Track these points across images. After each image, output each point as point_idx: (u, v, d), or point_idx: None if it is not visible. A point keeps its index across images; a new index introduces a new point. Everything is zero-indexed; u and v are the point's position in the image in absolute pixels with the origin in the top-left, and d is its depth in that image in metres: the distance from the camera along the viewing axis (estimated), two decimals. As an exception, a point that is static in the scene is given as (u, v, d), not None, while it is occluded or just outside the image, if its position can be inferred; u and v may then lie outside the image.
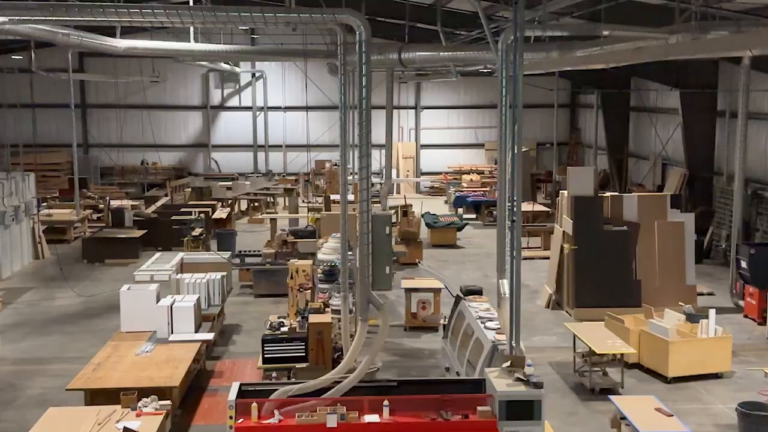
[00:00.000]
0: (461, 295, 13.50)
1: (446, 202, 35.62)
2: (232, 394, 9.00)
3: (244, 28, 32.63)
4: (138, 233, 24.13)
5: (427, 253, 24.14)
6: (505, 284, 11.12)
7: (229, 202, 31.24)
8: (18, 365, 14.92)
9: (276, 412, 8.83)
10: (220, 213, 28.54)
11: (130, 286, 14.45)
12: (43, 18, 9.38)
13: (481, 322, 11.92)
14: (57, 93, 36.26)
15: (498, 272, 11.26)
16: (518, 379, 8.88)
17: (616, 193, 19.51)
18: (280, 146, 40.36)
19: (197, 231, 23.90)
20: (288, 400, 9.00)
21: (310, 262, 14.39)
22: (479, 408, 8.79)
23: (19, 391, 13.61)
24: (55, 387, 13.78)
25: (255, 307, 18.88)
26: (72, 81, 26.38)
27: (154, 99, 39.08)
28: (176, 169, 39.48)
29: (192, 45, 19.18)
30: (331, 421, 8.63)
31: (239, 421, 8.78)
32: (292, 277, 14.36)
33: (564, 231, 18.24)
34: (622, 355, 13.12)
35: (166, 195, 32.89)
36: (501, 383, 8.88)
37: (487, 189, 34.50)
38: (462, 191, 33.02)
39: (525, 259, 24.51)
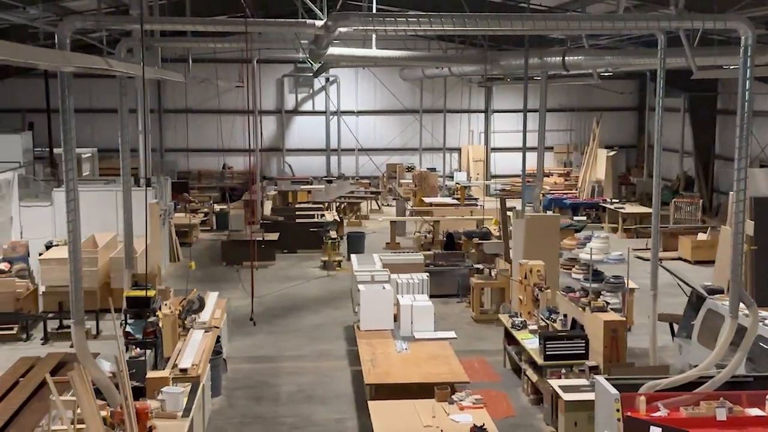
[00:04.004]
0: (705, 294, 13.82)
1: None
2: (611, 389, 9.31)
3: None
4: (274, 236, 24.37)
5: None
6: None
7: (326, 205, 31.48)
8: (250, 363, 15.19)
9: (660, 405, 9.14)
10: (330, 216, 28.79)
11: (366, 287, 14.71)
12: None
13: (758, 321, 12.24)
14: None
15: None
16: None
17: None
18: (352, 150, 40.64)
19: (333, 234, 24.26)
20: (656, 395, 9.32)
21: (542, 262, 14.69)
22: None
23: (275, 387, 13.89)
24: (306, 383, 14.13)
25: (428, 308, 19.16)
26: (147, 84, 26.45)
27: (229, 104, 39.21)
28: (252, 173, 39.64)
29: (373, 51, 19.61)
30: (721, 415, 8.94)
31: (627, 414, 9.09)
32: (526, 277, 14.67)
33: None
34: None
35: (264, 199, 33.12)
36: None
37: (575, 191, 34.93)
38: (552, 193, 33.33)
39: (647, 260, 25.05)
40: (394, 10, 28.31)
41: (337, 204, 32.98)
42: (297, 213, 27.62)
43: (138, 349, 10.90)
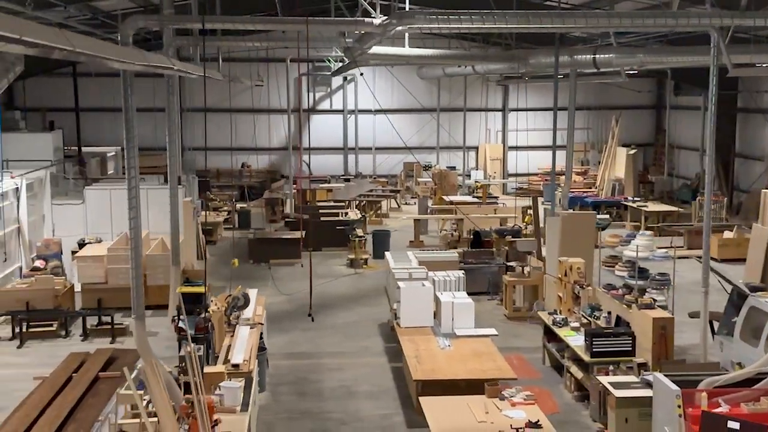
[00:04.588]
0: (747, 292, 13.82)
1: (544, 202, 35.87)
2: (672, 385, 9.35)
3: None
4: (299, 234, 24.42)
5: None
6: None
7: (347, 203, 31.53)
8: (290, 360, 15.28)
9: (720, 401, 9.19)
10: (353, 214, 28.85)
11: (405, 284, 14.76)
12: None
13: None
14: (144, 97, 36.32)
15: None
16: None
17: None
18: (369, 149, 40.69)
19: (360, 232, 24.32)
20: (716, 391, 9.37)
21: (582, 260, 14.74)
22: None
23: (317, 384, 13.97)
24: (348, 379, 14.22)
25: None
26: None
27: (247, 103, 39.26)
28: (269, 171, 39.80)
29: (408, 50, 19.63)
30: (782, 409, 9.00)
31: (689, 410, 9.13)
32: (566, 275, 14.72)
33: (772, 229, 18.68)
34: None
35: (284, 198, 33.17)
36: None
37: (594, 190, 34.89)
38: (572, 192, 33.28)
39: (680, 258, 25.04)
40: (415, 8, 28.36)
41: (357, 202, 33.06)
42: (320, 211, 27.64)
43: (192, 344, 10.94)
